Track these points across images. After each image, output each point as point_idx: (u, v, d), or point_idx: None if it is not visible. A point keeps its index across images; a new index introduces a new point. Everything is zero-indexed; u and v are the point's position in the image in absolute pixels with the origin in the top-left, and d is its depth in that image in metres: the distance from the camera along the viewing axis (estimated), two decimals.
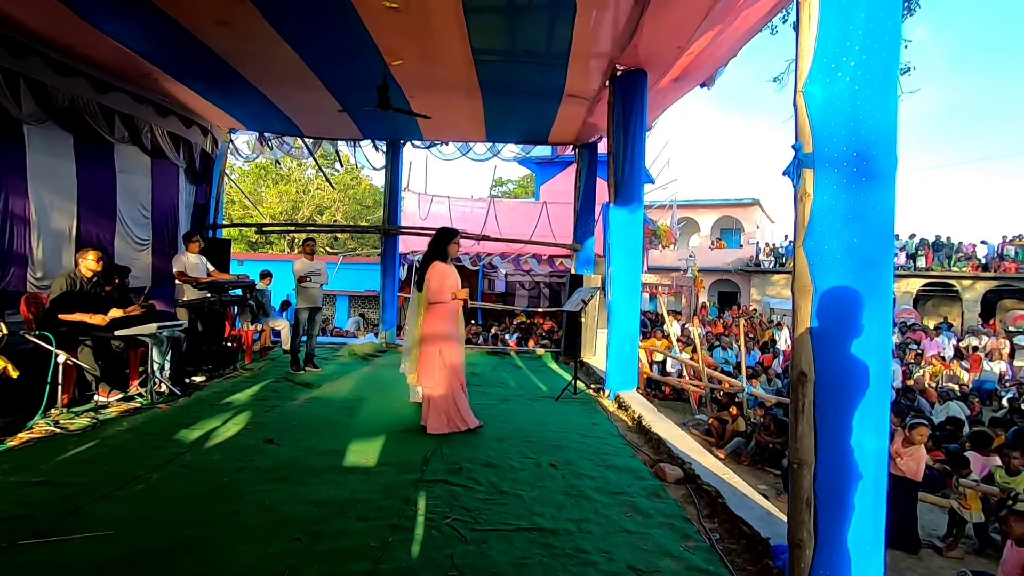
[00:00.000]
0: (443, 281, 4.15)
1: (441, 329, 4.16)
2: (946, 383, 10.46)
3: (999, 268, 20.37)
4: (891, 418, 3.67)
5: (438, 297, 4.12)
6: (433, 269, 4.16)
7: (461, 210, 14.96)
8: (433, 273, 4.14)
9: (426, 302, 4.20)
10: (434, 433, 4.02)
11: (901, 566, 4.65)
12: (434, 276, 4.14)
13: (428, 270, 4.17)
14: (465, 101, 6.69)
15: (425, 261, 4.24)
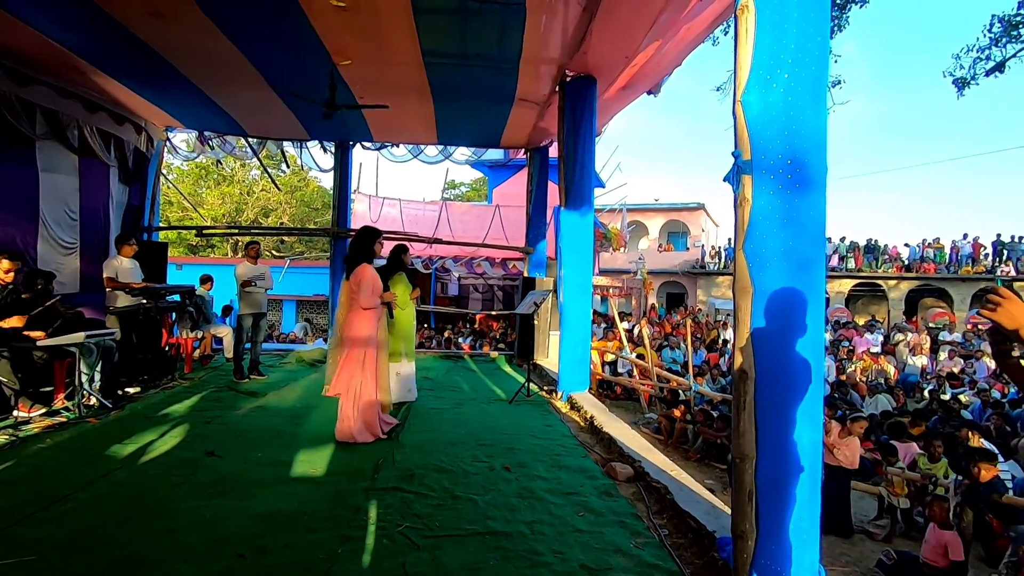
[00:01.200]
0: (373, 285, 4.04)
1: (367, 333, 4.04)
2: (875, 377, 11.11)
3: (920, 269, 21.91)
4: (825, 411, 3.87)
5: (370, 303, 4.01)
6: (364, 272, 4.02)
7: (413, 213, 14.79)
8: (364, 276, 4.01)
9: (353, 306, 4.03)
10: (363, 442, 3.90)
11: (836, 551, 4.91)
12: (365, 280, 4.00)
13: (358, 272, 4.00)
14: (416, 103, 6.63)
15: (353, 261, 4.06)
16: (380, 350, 4.14)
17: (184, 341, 6.79)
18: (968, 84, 10.42)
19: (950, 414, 7.86)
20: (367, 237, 4.17)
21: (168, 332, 6.63)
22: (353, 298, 4.00)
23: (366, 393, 4.00)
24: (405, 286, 4.96)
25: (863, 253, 23.01)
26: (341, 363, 4.01)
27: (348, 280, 4.02)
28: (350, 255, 4.12)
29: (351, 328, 4.02)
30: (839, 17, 9.79)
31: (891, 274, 22.31)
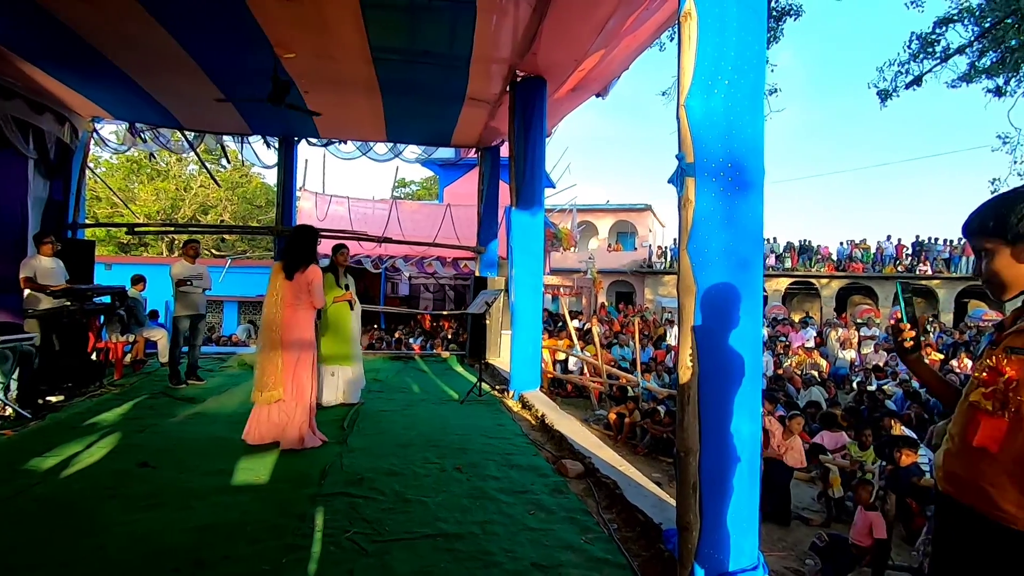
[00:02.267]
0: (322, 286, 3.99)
1: (311, 334, 3.99)
2: (809, 371, 11.74)
3: (848, 268, 23.33)
4: (764, 405, 4.04)
5: (323, 302, 4.04)
6: (316, 272, 3.93)
7: (362, 211, 14.48)
8: (317, 275, 3.93)
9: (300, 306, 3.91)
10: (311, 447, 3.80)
11: (773, 537, 5.15)
12: (318, 279, 3.93)
13: (309, 272, 3.89)
14: (364, 99, 6.50)
15: (299, 261, 3.91)
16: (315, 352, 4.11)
17: (114, 345, 6.39)
18: (890, 96, 11.16)
19: (876, 404, 8.40)
20: (312, 237, 4.08)
21: (96, 336, 6.22)
22: (300, 298, 3.88)
23: (313, 397, 3.96)
24: (331, 287, 5.00)
25: (798, 253, 24.31)
26: (289, 366, 3.86)
27: (291, 280, 3.87)
28: (294, 255, 3.95)
29: (297, 329, 3.89)
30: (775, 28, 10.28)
31: (823, 273, 23.66)
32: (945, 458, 1.35)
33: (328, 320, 5.08)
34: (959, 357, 11.60)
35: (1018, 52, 9.70)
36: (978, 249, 1.34)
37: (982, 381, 1.28)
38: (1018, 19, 9.22)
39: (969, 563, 1.27)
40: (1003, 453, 1.20)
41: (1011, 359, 1.23)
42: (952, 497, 1.32)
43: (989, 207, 1.32)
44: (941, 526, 1.40)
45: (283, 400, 3.81)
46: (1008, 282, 1.28)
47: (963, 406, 1.33)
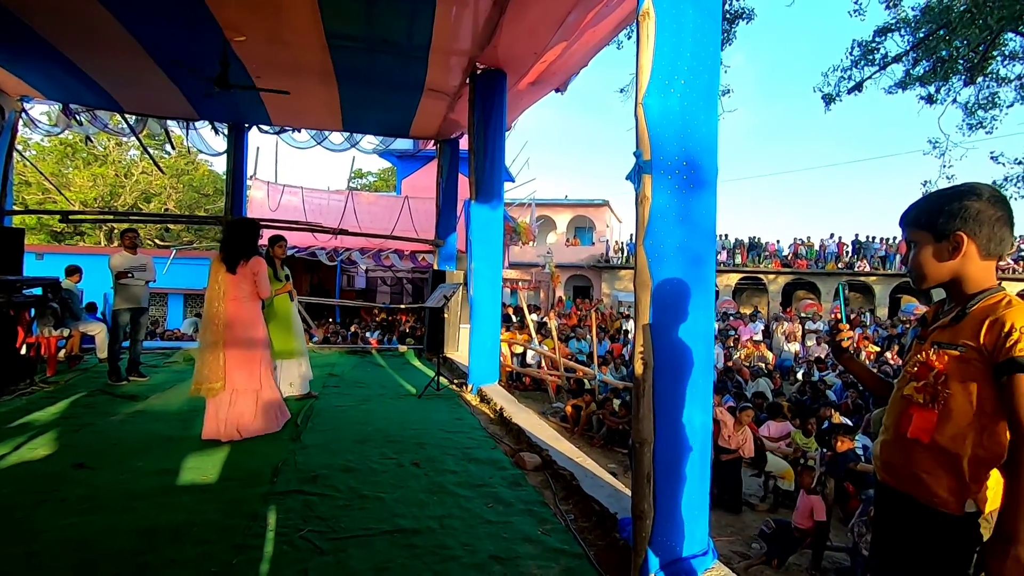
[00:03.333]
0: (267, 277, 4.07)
1: (260, 325, 4.06)
2: (757, 363, 12.23)
3: (794, 264, 24.40)
4: (714, 397, 4.18)
5: (268, 294, 4.08)
6: (261, 263, 4.01)
7: (317, 202, 14.10)
8: (262, 266, 4.00)
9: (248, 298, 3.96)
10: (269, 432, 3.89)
11: (723, 523, 5.35)
12: (263, 270, 4.00)
13: (254, 263, 3.94)
14: (319, 87, 6.30)
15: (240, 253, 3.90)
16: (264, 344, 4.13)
17: (46, 340, 6.01)
18: (834, 100, 11.69)
19: (817, 394, 8.83)
20: (254, 229, 4.13)
21: (26, 330, 5.83)
22: (244, 290, 3.90)
23: (268, 388, 3.99)
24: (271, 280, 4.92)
25: (747, 250, 25.24)
26: (233, 361, 3.82)
27: (234, 273, 3.88)
28: (234, 247, 3.92)
29: (241, 324, 3.89)
30: (728, 31, 10.59)
31: (771, 269, 24.65)
32: (882, 448, 1.43)
33: (270, 313, 4.97)
34: (892, 349, 12.31)
35: (948, 63, 10.33)
36: (909, 240, 1.42)
37: (914, 375, 1.35)
38: (948, 31, 9.81)
39: (908, 546, 1.35)
40: (934, 443, 1.28)
41: (939, 353, 1.31)
42: (890, 485, 1.40)
43: (925, 202, 1.40)
44: (880, 512, 1.49)
45: (235, 391, 3.81)
46: (928, 273, 1.37)
47: (896, 399, 1.41)
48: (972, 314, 1.28)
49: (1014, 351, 1.17)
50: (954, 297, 1.37)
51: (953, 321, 1.31)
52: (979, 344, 1.23)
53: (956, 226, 1.31)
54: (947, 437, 1.26)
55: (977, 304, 1.29)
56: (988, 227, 1.29)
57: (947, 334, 1.31)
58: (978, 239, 1.30)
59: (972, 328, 1.26)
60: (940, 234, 1.33)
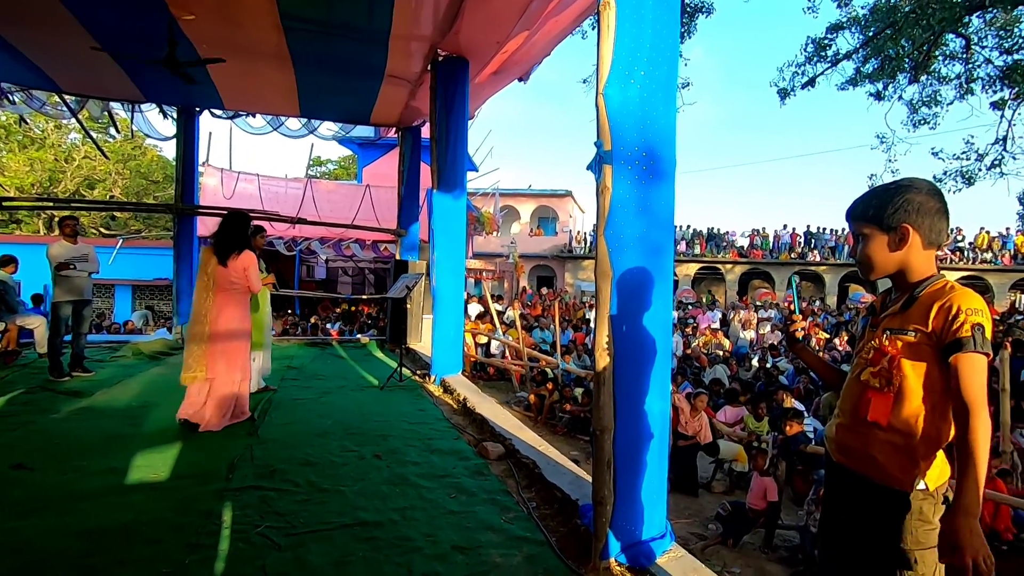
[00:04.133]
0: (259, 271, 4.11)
1: (245, 318, 4.10)
2: (714, 350, 12.58)
3: (750, 254, 25.16)
4: (673, 384, 4.27)
5: (259, 288, 4.10)
6: (250, 256, 4.03)
7: (274, 190, 13.67)
8: (252, 260, 4.02)
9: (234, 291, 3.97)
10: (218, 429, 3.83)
11: (680, 506, 5.51)
12: (254, 263, 4.03)
13: (243, 257, 3.97)
14: (275, 71, 6.09)
15: (232, 246, 3.96)
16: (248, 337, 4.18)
17: None
18: (789, 94, 12.03)
19: (771, 379, 9.16)
20: (245, 222, 4.13)
21: None
22: (234, 284, 3.93)
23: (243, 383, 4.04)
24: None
25: (706, 240, 25.86)
26: (217, 352, 3.89)
27: (224, 266, 3.91)
28: (227, 240, 3.97)
29: (227, 316, 3.94)
30: (688, 24, 10.74)
31: (728, 259, 25.36)
32: (837, 431, 1.50)
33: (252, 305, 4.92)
34: (841, 336, 12.87)
35: (894, 61, 10.77)
36: (856, 233, 1.48)
37: (869, 361, 1.41)
38: (895, 31, 10.22)
39: (859, 522, 1.42)
40: (891, 425, 1.35)
41: (891, 339, 1.37)
42: (845, 466, 1.46)
43: (871, 196, 1.46)
44: (832, 491, 1.55)
45: (212, 379, 3.84)
46: (877, 265, 1.43)
47: (853, 384, 1.46)
48: (920, 300, 1.35)
49: (960, 332, 1.24)
50: (900, 286, 1.44)
51: (902, 308, 1.38)
52: (928, 328, 1.30)
53: (901, 218, 1.38)
54: (901, 418, 1.33)
55: (923, 291, 1.36)
56: (929, 218, 1.37)
57: (897, 320, 1.38)
58: (921, 230, 1.38)
59: (921, 314, 1.33)
60: (887, 227, 1.40)
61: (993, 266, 22.50)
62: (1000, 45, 10.20)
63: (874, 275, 1.46)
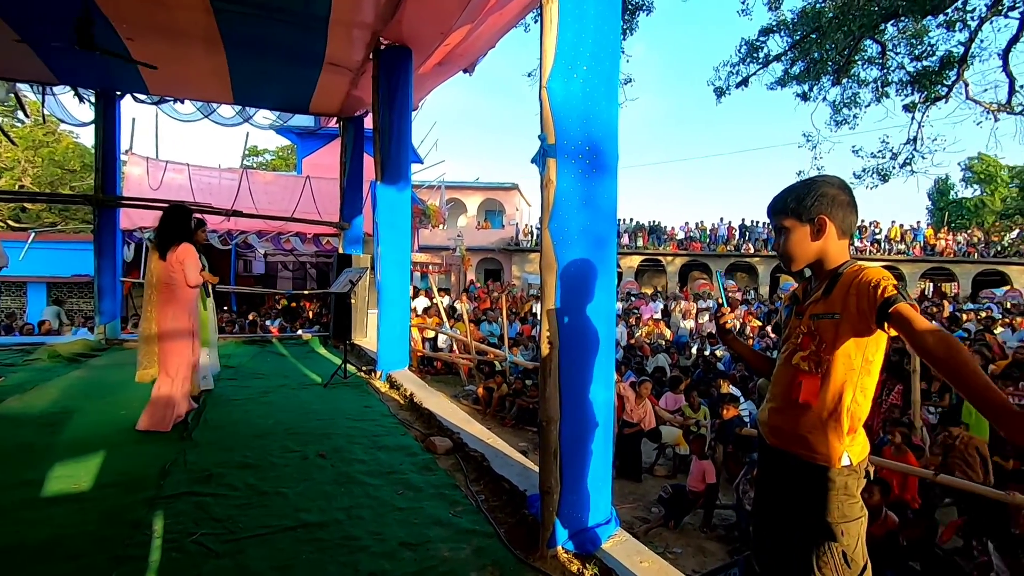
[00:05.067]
0: (196, 262, 3.93)
1: (188, 315, 3.96)
2: (656, 340, 13.00)
3: (689, 247, 26.11)
4: (617, 374, 4.37)
5: (197, 281, 3.95)
6: (188, 249, 3.88)
7: (206, 181, 12.98)
8: (189, 253, 3.88)
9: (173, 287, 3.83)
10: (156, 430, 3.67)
11: (625, 491, 5.68)
12: (191, 257, 3.88)
13: (180, 250, 3.83)
14: (204, 55, 5.76)
15: (171, 239, 3.85)
16: (197, 334, 4.08)
17: None
18: (724, 93, 12.51)
19: (709, 367, 9.56)
20: (185, 215, 4.01)
21: None
22: (174, 277, 3.80)
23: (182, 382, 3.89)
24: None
25: (648, 233, 26.63)
26: (165, 348, 3.80)
27: (164, 260, 3.80)
28: (166, 233, 3.87)
29: (170, 313, 3.82)
30: (630, 21, 10.96)
31: (669, 251, 26.22)
32: (769, 415, 1.58)
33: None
34: (773, 323, 13.58)
35: (819, 64, 11.40)
36: (778, 227, 1.56)
37: (798, 346, 1.50)
38: (820, 35, 10.81)
39: (790, 499, 1.51)
40: (820, 405, 1.43)
41: (817, 324, 1.46)
42: (777, 447, 1.55)
43: (789, 191, 1.55)
44: (765, 471, 1.64)
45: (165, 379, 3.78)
46: (798, 255, 1.52)
47: (784, 369, 1.54)
48: (839, 285, 1.44)
49: (886, 293, 1.31)
50: (819, 274, 1.54)
51: (824, 294, 1.47)
52: (851, 309, 1.39)
53: (818, 210, 1.48)
54: (828, 397, 1.43)
55: (840, 276, 1.45)
56: (842, 210, 1.49)
57: (821, 306, 1.47)
58: (835, 220, 1.49)
59: (841, 297, 1.42)
60: (807, 218, 1.49)
61: (906, 257, 24.33)
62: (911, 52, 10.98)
63: (796, 265, 1.54)
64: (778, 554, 1.54)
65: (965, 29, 9.99)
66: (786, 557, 1.50)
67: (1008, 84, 10.28)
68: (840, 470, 1.42)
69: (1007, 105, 10.34)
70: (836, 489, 1.41)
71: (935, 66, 10.61)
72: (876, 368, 1.43)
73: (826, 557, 1.41)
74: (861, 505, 1.44)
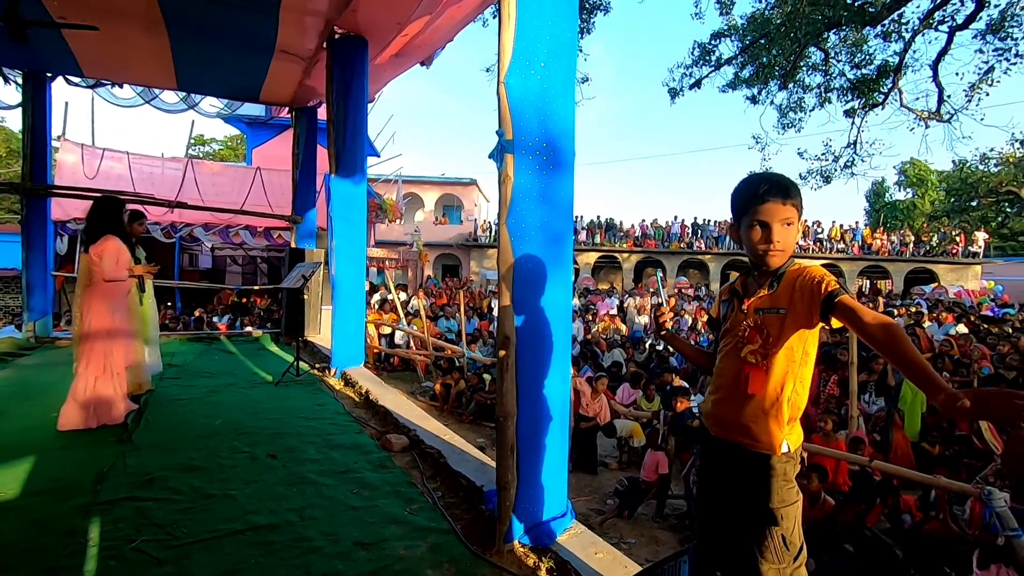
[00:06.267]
0: (118, 255, 3.74)
1: (110, 309, 3.77)
2: (612, 335, 13.23)
3: (644, 244, 26.68)
4: (573, 369, 4.42)
5: (114, 274, 3.71)
6: (108, 241, 3.72)
7: (148, 170, 12.35)
8: (108, 245, 3.70)
9: (93, 281, 3.68)
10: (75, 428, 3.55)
11: (582, 484, 5.77)
12: (109, 249, 3.70)
13: (101, 242, 3.68)
14: (144, 36, 5.46)
15: (95, 232, 3.72)
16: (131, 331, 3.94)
17: None
18: (678, 94, 12.82)
19: (662, 361, 9.81)
20: (113, 207, 3.86)
21: None
22: (94, 272, 3.65)
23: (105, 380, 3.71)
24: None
25: (604, 230, 27.05)
26: (85, 346, 3.65)
27: (87, 252, 3.66)
28: (92, 226, 3.73)
29: (93, 307, 3.67)
30: (587, 20, 11.07)
31: (625, 248, 26.72)
32: (713, 406, 1.62)
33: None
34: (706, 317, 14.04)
35: (767, 68, 11.83)
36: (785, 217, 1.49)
37: (746, 339, 1.54)
38: (768, 41, 11.22)
39: (734, 487, 1.56)
40: (764, 395, 1.49)
41: (763, 318, 1.51)
42: (721, 437, 1.59)
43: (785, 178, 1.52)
44: (708, 460, 1.69)
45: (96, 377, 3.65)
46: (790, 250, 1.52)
47: (731, 362, 1.58)
48: (784, 282, 1.49)
49: (830, 287, 1.38)
50: (761, 271, 1.56)
51: (770, 289, 1.52)
52: (796, 304, 1.44)
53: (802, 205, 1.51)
54: (771, 388, 1.49)
55: (785, 273, 1.51)
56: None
57: (767, 301, 1.51)
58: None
59: (787, 293, 1.47)
60: (800, 209, 1.51)
61: (846, 256, 25.63)
62: (852, 60, 11.55)
63: (783, 260, 1.51)
64: (722, 539, 1.60)
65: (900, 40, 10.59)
66: (730, 542, 1.56)
67: (938, 93, 10.97)
68: (780, 457, 1.49)
69: (936, 113, 11.02)
70: (776, 476, 1.48)
71: (873, 74, 11.19)
72: (813, 360, 1.52)
73: (767, 541, 1.47)
74: (797, 490, 1.52)
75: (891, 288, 25.31)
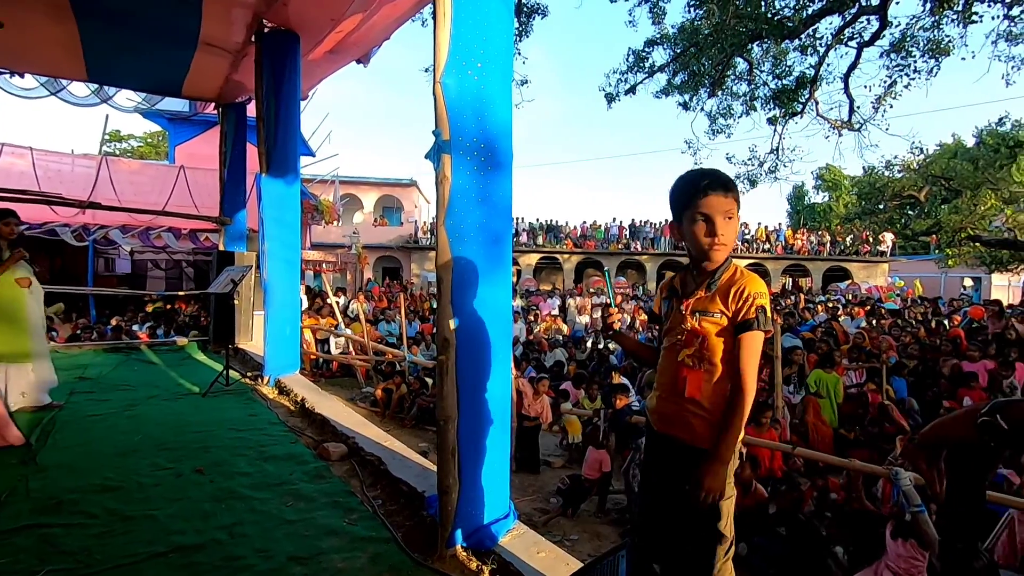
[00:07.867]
0: None
1: None
2: (554, 335, 13.40)
3: (584, 245, 27.24)
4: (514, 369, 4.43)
5: None
6: None
7: (55, 167, 11.36)
8: None
9: None
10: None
11: (525, 484, 5.79)
12: None
13: None
14: (49, 23, 5.02)
15: None
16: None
17: None
18: (614, 99, 13.16)
19: (603, 360, 10.03)
20: None
21: None
22: None
23: None
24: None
25: (546, 232, 27.42)
26: None
27: None
28: None
29: None
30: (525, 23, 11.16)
31: (566, 249, 27.17)
32: (657, 403, 1.66)
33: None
34: (646, 313, 14.53)
35: (697, 76, 12.36)
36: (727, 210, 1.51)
37: (684, 343, 1.56)
38: (698, 50, 11.72)
39: (676, 480, 1.59)
40: (701, 396, 1.53)
41: (700, 321, 1.54)
42: (664, 433, 1.63)
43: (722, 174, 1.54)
44: (651, 455, 1.73)
45: None
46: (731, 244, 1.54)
47: (670, 363, 1.61)
48: (720, 285, 1.53)
49: (748, 314, 1.46)
50: (700, 268, 1.59)
51: (707, 291, 1.54)
52: (729, 311, 1.50)
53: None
54: (709, 388, 1.53)
55: (722, 275, 1.54)
56: None
57: (704, 303, 1.54)
58: None
59: (722, 297, 1.51)
60: (739, 204, 1.53)
61: (770, 255, 27.16)
62: (773, 71, 12.26)
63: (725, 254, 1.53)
64: (661, 532, 1.64)
65: (815, 54, 11.33)
66: (671, 534, 1.60)
67: (849, 104, 11.83)
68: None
69: (848, 123, 11.88)
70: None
71: (792, 85, 11.91)
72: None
73: (704, 534, 1.52)
74: (733, 484, 1.57)
75: (811, 285, 27.04)
